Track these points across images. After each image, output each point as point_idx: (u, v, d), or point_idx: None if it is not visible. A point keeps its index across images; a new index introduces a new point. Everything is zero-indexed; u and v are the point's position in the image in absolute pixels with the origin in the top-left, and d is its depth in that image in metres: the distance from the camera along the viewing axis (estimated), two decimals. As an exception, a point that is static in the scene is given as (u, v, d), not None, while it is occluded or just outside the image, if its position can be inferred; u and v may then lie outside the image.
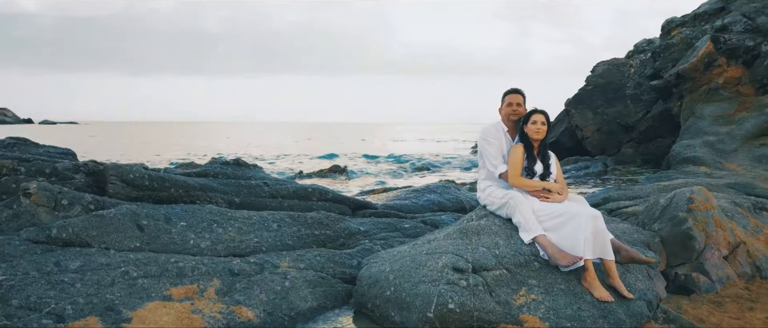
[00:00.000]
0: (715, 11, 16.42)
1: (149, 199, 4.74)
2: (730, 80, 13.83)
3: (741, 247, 4.71)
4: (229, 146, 36.04)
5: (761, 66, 13.52)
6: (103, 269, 3.48)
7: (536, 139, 4.05)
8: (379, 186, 9.75)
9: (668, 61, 15.42)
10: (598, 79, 17.83)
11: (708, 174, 11.14)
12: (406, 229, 5.37)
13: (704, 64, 13.86)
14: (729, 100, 13.81)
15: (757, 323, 3.43)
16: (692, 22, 17.02)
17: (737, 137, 13.00)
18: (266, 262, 4.07)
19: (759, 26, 13.82)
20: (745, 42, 13.63)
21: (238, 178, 5.53)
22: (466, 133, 68.01)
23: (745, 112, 13.43)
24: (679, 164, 12.71)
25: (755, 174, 11.32)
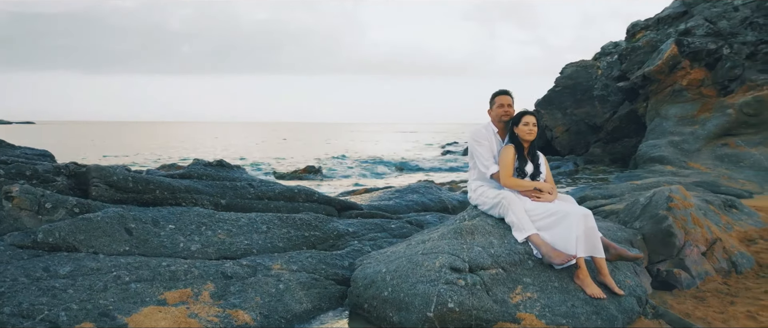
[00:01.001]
0: (677, 15, 16.99)
1: (133, 201, 4.63)
2: (694, 82, 14.33)
3: (717, 243, 4.90)
4: (193, 147, 35.45)
5: (723, 69, 14.05)
6: (94, 274, 3.40)
7: (527, 141, 4.13)
8: (359, 187, 9.75)
9: (634, 63, 15.88)
10: (567, 80, 18.22)
11: (674, 173, 11.53)
12: (393, 229, 5.39)
13: (669, 67, 14.33)
14: (692, 101, 14.31)
15: (740, 316, 3.58)
16: (656, 26, 17.57)
17: (700, 137, 13.48)
18: (259, 264, 4.04)
19: (720, 30, 14.36)
20: (708, 45, 14.14)
21: (222, 179, 5.45)
22: (437, 135, 68.46)
23: (708, 113, 13.93)
24: (646, 163, 13.11)
25: (719, 173, 11.78)
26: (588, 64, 18.37)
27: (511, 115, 4.22)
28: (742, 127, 13.45)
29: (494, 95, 4.34)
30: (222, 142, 43.54)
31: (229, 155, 25.70)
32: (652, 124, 14.71)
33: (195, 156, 23.56)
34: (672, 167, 12.41)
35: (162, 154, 27.61)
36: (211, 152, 29.16)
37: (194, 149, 32.61)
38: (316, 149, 33.49)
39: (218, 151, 29.40)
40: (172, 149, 32.48)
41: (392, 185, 9.65)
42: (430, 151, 30.53)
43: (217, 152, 28.54)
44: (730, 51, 14.02)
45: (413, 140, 51.58)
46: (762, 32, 13.89)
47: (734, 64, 13.94)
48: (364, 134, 74.25)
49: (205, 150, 32.10)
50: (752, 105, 13.28)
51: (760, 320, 3.50)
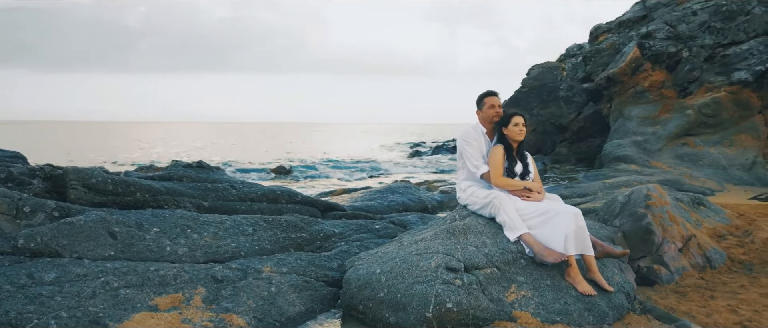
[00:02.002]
0: (638, 18, 17.52)
1: (113, 204, 4.49)
2: (655, 84, 14.81)
3: (693, 239, 5.08)
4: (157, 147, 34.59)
5: (682, 71, 14.57)
6: (81, 280, 3.28)
7: (516, 141, 4.19)
8: (337, 188, 9.70)
9: (598, 65, 16.31)
10: (533, 81, 18.56)
11: (639, 172, 11.89)
12: (378, 230, 5.38)
13: (632, 69, 14.77)
14: (654, 102, 14.78)
15: (722, 311, 3.71)
16: (617, 29, 18.08)
17: (662, 137, 13.95)
18: (248, 267, 3.97)
19: (680, 34, 14.89)
20: (668, 48, 14.64)
21: (203, 181, 5.34)
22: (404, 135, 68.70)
23: (669, 114, 14.43)
24: (611, 163, 13.48)
25: (681, 172, 12.21)
26: (553, 66, 18.76)
27: (501, 116, 4.27)
28: (700, 127, 13.99)
29: (483, 96, 4.38)
30: (187, 143, 42.61)
31: (198, 157, 25.20)
32: (616, 124, 15.13)
33: (158, 158, 22.99)
34: (636, 166, 12.81)
35: (121, 155, 26.83)
36: (181, 153, 28.49)
37: (159, 150, 31.82)
38: (283, 149, 33.15)
39: (192, 153, 28.74)
40: (132, 150, 31.61)
41: (369, 185, 9.63)
42: (399, 151, 30.62)
43: (191, 154, 27.90)
44: (689, 54, 14.56)
45: (380, 140, 51.62)
46: (719, 36, 14.47)
47: (693, 66, 14.48)
48: (329, 134, 73.96)
49: (170, 151, 31.36)
50: (710, 106, 13.82)
51: (741, 314, 3.64)
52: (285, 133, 78.43)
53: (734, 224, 6.57)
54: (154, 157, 24.44)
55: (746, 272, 4.85)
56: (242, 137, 57.26)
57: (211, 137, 55.98)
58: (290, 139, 52.18)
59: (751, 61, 13.75)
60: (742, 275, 4.74)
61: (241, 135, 64.92)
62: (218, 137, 56.51)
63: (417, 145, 33.47)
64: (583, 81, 16.93)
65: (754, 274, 4.76)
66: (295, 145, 40.06)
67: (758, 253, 5.34)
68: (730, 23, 14.43)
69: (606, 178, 10.72)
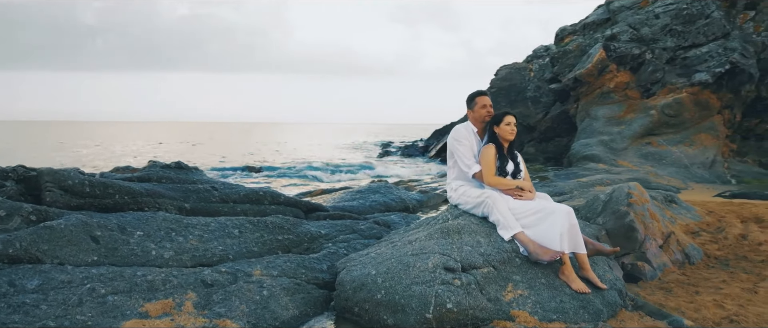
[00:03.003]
0: (602, 21, 17.96)
1: (91, 207, 4.29)
2: (620, 85, 15.20)
3: (672, 236, 5.21)
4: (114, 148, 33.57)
5: (645, 72, 15.00)
6: (66, 287, 3.11)
7: (508, 140, 4.20)
8: (313, 189, 9.57)
9: (565, 66, 16.63)
10: (501, 82, 18.81)
11: (608, 170, 12.17)
12: (363, 230, 5.33)
13: (598, 70, 15.11)
14: (619, 103, 15.17)
15: (709, 306, 3.81)
16: (582, 31, 18.48)
17: (627, 137, 14.32)
18: (238, 271, 3.86)
19: (643, 36, 15.32)
20: (632, 50, 15.04)
21: (183, 182, 5.18)
22: (370, 135, 68.56)
23: (633, 114, 14.82)
24: (579, 162, 13.75)
25: (646, 170, 12.55)
26: (521, 67, 19.05)
27: (492, 115, 4.28)
28: (663, 127, 14.43)
29: (474, 96, 4.38)
30: (153, 144, 41.47)
31: (168, 158, 24.53)
32: (583, 124, 15.46)
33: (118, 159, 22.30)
34: (603, 164, 13.10)
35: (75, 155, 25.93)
36: (145, 154, 27.68)
37: (117, 151, 30.86)
38: (248, 149, 32.64)
39: (159, 154, 27.94)
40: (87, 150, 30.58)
41: (348, 186, 9.54)
42: (369, 151, 30.54)
43: (158, 155, 27.12)
44: (652, 56, 15.00)
45: (346, 140, 51.43)
46: (680, 39, 14.95)
47: (656, 68, 14.92)
48: (295, 134, 73.28)
49: (131, 152, 30.45)
50: (672, 106, 14.27)
51: (727, 309, 3.74)
52: (249, 132, 77.32)
53: (705, 220, 6.79)
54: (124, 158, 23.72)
55: (723, 268, 5.00)
56: (204, 137, 56.18)
57: (172, 137, 54.71)
58: (255, 139, 51.45)
59: (710, 63, 14.26)
60: (720, 270, 4.88)
61: (203, 135, 63.70)
62: (179, 137, 55.28)
63: (387, 146, 33.46)
64: (551, 82, 17.24)
65: (731, 269, 4.91)
66: (261, 144, 39.52)
67: (732, 249, 5.52)
68: (691, 26, 14.94)
69: (577, 176, 10.92)
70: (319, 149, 33.43)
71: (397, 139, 45.48)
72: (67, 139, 43.50)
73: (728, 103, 14.53)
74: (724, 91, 14.22)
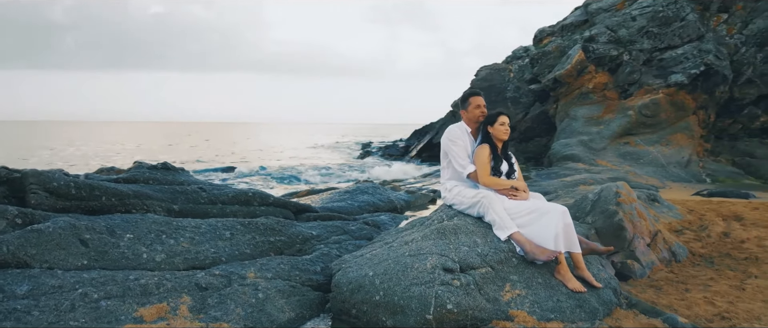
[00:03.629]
0: (579, 23, 18.20)
1: (77, 209, 4.18)
2: (598, 85, 15.42)
3: (659, 235, 5.29)
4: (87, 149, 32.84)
5: (623, 73, 15.24)
6: (58, 293, 3.01)
7: (502, 140, 4.21)
8: (301, 189, 9.49)
9: (545, 67, 16.81)
10: (482, 82, 18.93)
11: (588, 170, 12.33)
12: (354, 231, 5.29)
13: (577, 71, 15.31)
14: (598, 103, 15.39)
15: (700, 303, 3.87)
16: (560, 32, 18.71)
17: (606, 137, 14.53)
18: (232, 273, 3.79)
19: (620, 38, 15.57)
20: (610, 52, 15.28)
21: (171, 183, 5.07)
22: (346, 135, 68.32)
23: (611, 114, 15.06)
24: (560, 161, 13.91)
25: (625, 170, 12.76)
26: (501, 68, 19.20)
27: (486, 116, 4.29)
28: (640, 127, 14.70)
29: (467, 96, 4.38)
30: (129, 144, 40.67)
31: (137, 157, 24.04)
32: (563, 124, 15.65)
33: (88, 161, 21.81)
34: (583, 164, 13.28)
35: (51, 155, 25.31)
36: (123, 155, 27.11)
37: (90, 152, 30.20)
38: (226, 149, 32.26)
39: (137, 154, 27.38)
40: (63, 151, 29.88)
41: (334, 186, 9.48)
42: (349, 152, 30.45)
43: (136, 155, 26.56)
44: (630, 57, 15.26)
45: (325, 140, 51.21)
46: (656, 40, 15.24)
47: (633, 69, 15.18)
48: (271, 134, 72.67)
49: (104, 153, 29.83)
50: (649, 107, 14.54)
51: (718, 306, 3.81)
52: (224, 132, 76.43)
53: (687, 219, 6.92)
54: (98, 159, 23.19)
55: (708, 265, 5.10)
56: (180, 137, 55.37)
57: (145, 137, 53.79)
58: (231, 139, 50.88)
59: (685, 64, 14.57)
60: (706, 268, 4.97)
61: (178, 135, 62.77)
62: (153, 137, 54.39)
63: (366, 146, 33.41)
64: (531, 82, 17.42)
65: (717, 267, 5.01)
66: (239, 145, 39.10)
67: (715, 246, 5.64)
68: (666, 28, 15.24)
69: (559, 176, 11.04)
70: (298, 150, 33.21)
71: (376, 139, 45.47)
72: (36, 141, 42.43)
73: (703, 103, 14.86)
74: (699, 92, 14.54)
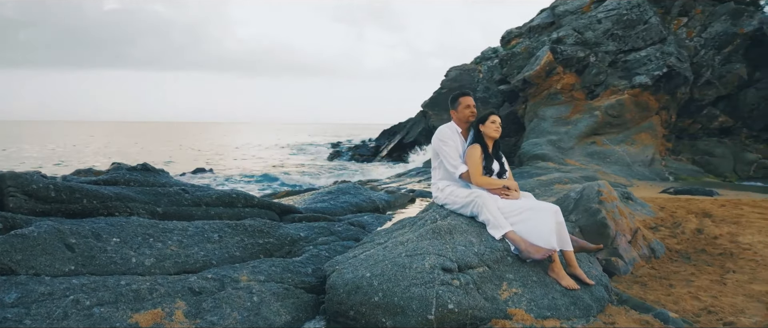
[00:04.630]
0: (546, 24, 18.55)
1: (58, 213, 4.01)
2: (566, 86, 15.75)
3: (639, 232, 5.43)
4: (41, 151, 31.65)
5: (590, 75, 15.60)
6: (48, 300, 2.88)
7: (492, 138, 4.24)
8: (279, 190, 9.35)
9: (514, 68, 17.07)
10: (451, 82, 19.09)
11: (558, 169, 12.57)
12: (340, 232, 5.25)
13: (546, 72, 15.60)
14: (566, 103, 15.72)
15: (686, 298, 3.99)
16: (528, 34, 19.03)
17: (574, 136, 14.85)
18: (224, 277, 3.70)
19: (587, 40, 15.94)
20: (577, 53, 15.62)
21: (152, 185, 4.93)
22: (314, 135, 67.82)
23: (579, 114, 15.40)
24: (530, 160, 14.14)
25: (594, 168, 13.07)
26: (470, 68, 19.40)
27: (476, 115, 4.32)
28: (607, 127, 15.08)
29: (457, 96, 4.40)
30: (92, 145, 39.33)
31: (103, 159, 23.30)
32: (532, 124, 15.92)
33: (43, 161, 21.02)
34: (553, 163, 13.54)
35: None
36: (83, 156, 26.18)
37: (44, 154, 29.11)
38: (189, 149, 31.58)
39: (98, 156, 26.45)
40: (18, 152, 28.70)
41: (312, 186, 9.38)
42: (317, 153, 30.24)
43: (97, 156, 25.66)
44: (596, 59, 15.64)
45: (292, 140, 50.71)
46: (621, 43, 15.67)
47: (599, 70, 15.57)
48: (236, 135, 71.56)
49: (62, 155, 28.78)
50: (615, 107, 14.94)
51: (703, 300, 3.93)
52: (186, 132, 74.86)
53: (659, 216, 7.14)
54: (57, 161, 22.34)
55: (685, 261, 5.26)
56: (140, 137, 53.96)
57: (104, 137, 52.21)
58: (195, 139, 49.87)
59: (649, 66, 15.02)
60: (684, 263, 5.13)
61: (138, 135, 61.16)
62: (113, 137, 52.87)
63: (335, 146, 33.24)
64: (500, 83, 17.65)
65: (694, 262, 5.17)
66: (203, 145, 38.35)
67: (690, 243, 5.82)
68: (631, 31, 15.68)
69: (532, 175, 11.22)
70: (266, 150, 32.79)
71: (344, 139, 45.31)
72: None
73: (665, 104, 15.36)
74: (662, 93, 15.02)
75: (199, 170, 13.88)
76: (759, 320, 3.53)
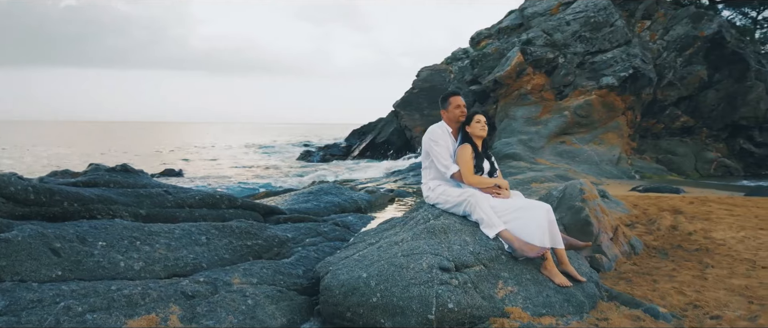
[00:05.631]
0: (515, 26, 18.83)
1: (38, 216, 3.85)
2: (536, 87, 16.02)
3: (619, 229, 5.56)
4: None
5: (559, 75, 15.90)
6: (38, 307, 2.76)
7: (480, 137, 4.27)
8: (260, 190, 9.21)
9: (485, 68, 17.27)
10: (423, 83, 19.18)
11: (531, 168, 12.77)
12: (326, 233, 5.21)
13: (516, 73, 15.83)
14: (536, 104, 15.98)
15: (672, 293, 4.10)
16: (497, 35, 19.29)
17: (544, 136, 15.12)
18: (217, 280, 3.62)
19: (555, 41, 16.24)
20: (547, 54, 15.90)
21: (133, 186, 4.78)
22: (282, 135, 67.10)
23: (548, 115, 15.68)
24: (502, 160, 14.31)
25: (565, 167, 13.32)
26: (441, 69, 19.54)
27: (466, 115, 4.34)
28: (575, 127, 15.41)
29: (448, 96, 4.42)
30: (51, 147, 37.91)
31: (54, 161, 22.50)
32: (502, 124, 16.14)
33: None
34: (525, 162, 13.75)
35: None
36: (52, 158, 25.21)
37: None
38: (150, 150, 30.85)
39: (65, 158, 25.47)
40: None
41: (292, 187, 9.26)
42: (288, 153, 29.90)
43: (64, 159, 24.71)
44: (565, 60, 15.95)
45: (259, 140, 50.07)
46: (588, 44, 16.03)
47: (568, 71, 15.89)
48: (200, 135, 70.22)
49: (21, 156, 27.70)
50: (584, 107, 15.27)
51: (688, 295, 4.05)
52: (152, 132, 73.09)
53: (634, 213, 7.32)
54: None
55: (663, 257, 5.41)
56: (99, 137, 52.44)
57: (61, 137, 50.52)
58: (161, 139, 48.75)
59: (615, 67, 15.41)
60: (664, 259, 5.28)
61: (101, 135, 59.42)
62: (74, 138, 51.21)
63: (306, 145, 32.93)
64: (471, 83, 17.83)
65: (671, 258, 5.32)
66: (169, 145, 37.51)
67: (666, 239, 5.99)
68: (597, 33, 16.06)
69: (505, 175, 11.36)
70: (235, 150, 32.29)
71: (313, 139, 44.99)
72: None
73: (631, 104, 15.79)
74: (628, 93, 15.43)
75: (169, 172, 13.54)
76: (743, 314, 3.65)
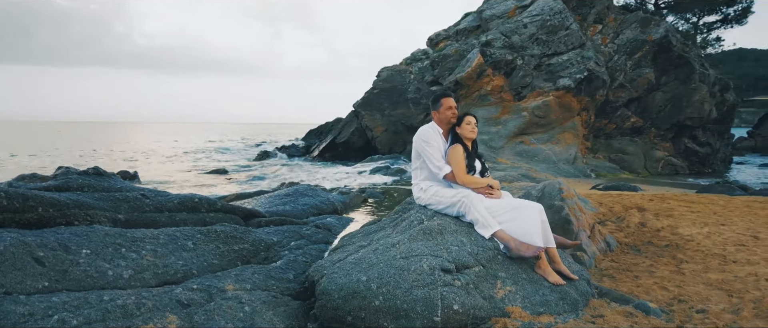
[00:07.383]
0: (473, 28, 19.12)
1: (12, 223, 3.59)
2: (496, 88, 16.31)
3: (596, 227, 5.71)
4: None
5: (517, 77, 16.24)
6: (30, 321, 2.57)
7: (470, 139, 4.29)
8: (228, 193, 8.92)
9: (445, 69, 17.43)
10: (383, 83, 19.18)
11: (494, 168, 12.98)
12: (309, 235, 5.12)
13: (477, 74, 16.07)
14: (495, 104, 16.26)
15: (655, 288, 4.23)
16: (455, 37, 19.52)
17: (504, 136, 15.41)
18: (210, 287, 3.48)
19: (514, 44, 16.57)
20: (505, 56, 16.21)
21: (109, 190, 4.54)
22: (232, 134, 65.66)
23: (508, 115, 15.99)
24: (464, 160, 14.48)
25: (525, 167, 13.61)
26: (401, 69, 19.60)
27: (457, 116, 4.35)
28: (533, 127, 15.78)
29: (439, 97, 4.41)
30: None
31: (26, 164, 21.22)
32: (463, 124, 16.33)
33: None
34: (487, 162, 13.97)
35: None
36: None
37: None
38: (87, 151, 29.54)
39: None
40: None
41: (262, 189, 9.03)
42: (243, 153, 29.23)
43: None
44: (523, 62, 16.31)
45: (209, 140, 48.78)
46: (545, 47, 16.44)
47: (526, 73, 16.25)
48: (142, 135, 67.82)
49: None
50: (541, 108, 15.65)
51: (670, 290, 4.19)
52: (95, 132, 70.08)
53: (601, 211, 7.54)
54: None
55: (636, 253, 5.59)
56: (41, 138, 49.90)
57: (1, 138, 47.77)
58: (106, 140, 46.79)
59: (571, 69, 15.87)
60: (638, 255, 5.46)
61: (39, 135, 56.53)
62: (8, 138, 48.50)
63: (260, 145, 32.30)
64: (432, 84, 17.97)
65: (644, 254, 5.51)
66: (116, 146, 36.01)
67: (636, 236, 6.20)
68: (554, 36, 16.50)
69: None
70: (187, 152, 31.33)
71: (267, 139, 44.23)
72: None
73: (585, 105, 16.30)
74: (583, 94, 15.93)
75: (123, 174, 12.99)
76: (726, 307, 3.81)
